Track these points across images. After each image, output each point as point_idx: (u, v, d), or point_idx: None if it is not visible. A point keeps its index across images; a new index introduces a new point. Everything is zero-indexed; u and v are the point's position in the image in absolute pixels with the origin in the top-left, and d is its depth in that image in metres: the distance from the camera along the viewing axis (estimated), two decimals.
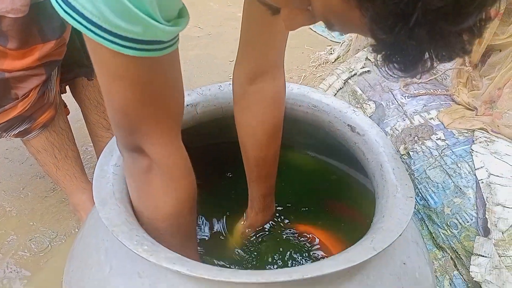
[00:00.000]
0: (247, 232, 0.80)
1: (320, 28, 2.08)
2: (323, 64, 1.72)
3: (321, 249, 0.79)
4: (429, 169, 0.86)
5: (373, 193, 0.64)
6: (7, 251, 1.00)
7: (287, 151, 0.94)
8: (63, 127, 0.91)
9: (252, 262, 0.77)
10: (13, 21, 0.70)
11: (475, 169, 0.80)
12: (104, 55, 0.41)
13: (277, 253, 0.77)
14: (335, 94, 1.22)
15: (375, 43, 0.33)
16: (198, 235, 0.80)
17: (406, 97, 1.06)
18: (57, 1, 0.37)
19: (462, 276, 0.76)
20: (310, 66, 1.74)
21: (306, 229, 0.82)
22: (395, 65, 0.33)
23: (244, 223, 0.80)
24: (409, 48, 0.30)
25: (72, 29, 0.82)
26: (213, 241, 0.80)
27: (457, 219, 0.78)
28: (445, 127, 0.93)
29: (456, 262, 0.77)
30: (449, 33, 0.30)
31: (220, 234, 0.82)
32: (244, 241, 0.79)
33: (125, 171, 0.56)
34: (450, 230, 0.78)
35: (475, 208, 0.77)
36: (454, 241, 0.77)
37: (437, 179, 0.84)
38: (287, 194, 0.88)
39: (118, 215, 0.53)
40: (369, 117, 0.87)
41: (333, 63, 1.70)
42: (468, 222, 0.77)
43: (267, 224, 0.81)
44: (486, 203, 0.75)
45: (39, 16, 0.73)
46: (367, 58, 1.24)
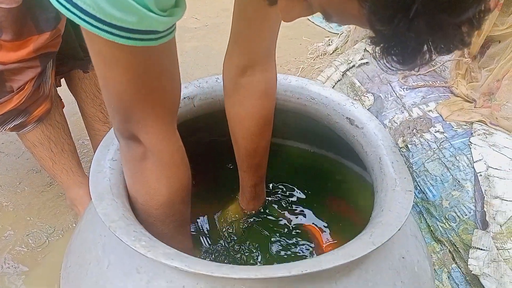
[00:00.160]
0: (237, 217, 0.83)
1: (318, 19, 2.06)
2: (321, 55, 1.71)
3: (308, 236, 0.80)
4: (428, 162, 0.86)
5: (371, 186, 0.64)
6: (5, 247, 1.00)
7: (284, 144, 0.94)
8: (59, 120, 0.90)
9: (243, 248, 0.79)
10: (7, 11, 0.69)
11: (474, 162, 0.80)
12: (99, 44, 0.41)
13: (264, 238, 0.80)
14: (334, 86, 1.21)
15: (373, 35, 0.32)
16: (201, 225, 0.82)
17: (404, 89, 1.05)
18: None
19: (460, 269, 0.76)
20: (308, 57, 1.73)
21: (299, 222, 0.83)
22: (394, 57, 0.33)
23: (235, 209, 0.83)
24: (408, 40, 0.30)
25: (67, 20, 0.81)
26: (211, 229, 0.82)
27: (456, 212, 0.78)
28: (443, 120, 0.92)
29: (454, 255, 0.77)
30: (448, 25, 0.29)
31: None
32: (236, 226, 0.82)
33: (121, 157, 0.57)
34: (448, 223, 0.78)
35: (474, 201, 0.77)
36: (452, 234, 0.77)
37: (436, 172, 0.84)
38: (284, 185, 0.88)
39: (115, 210, 0.53)
40: (368, 109, 0.87)
41: (331, 54, 1.68)
42: (466, 215, 0.77)
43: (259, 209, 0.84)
44: (484, 196, 0.75)
45: (34, 7, 0.72)
46: (365, 49, 1.23)
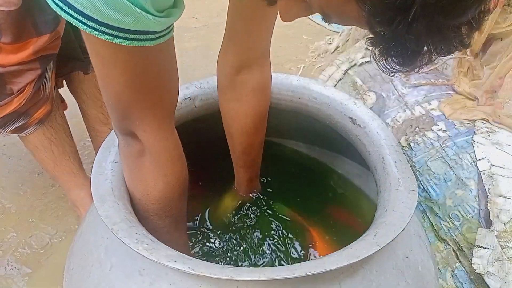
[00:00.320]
0: (237, 206, 0.84)
1: (318, 17, 2.05)
2: (322, 54, 1.70)
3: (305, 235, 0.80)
4: (431, 161, 0.86)
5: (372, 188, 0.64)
6: (8, 249, 1.00)
7: (286, 144, 0.94)
8: (60, 122, 0.90)
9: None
10: (6, 14, 0.69)
11: (477, 160, 0.80)
12: (97, 45, 0.42)
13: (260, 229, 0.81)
14: (335, 85, 1.20)
15: (372, 37, 0.32)
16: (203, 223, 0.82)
17: (406, 88, 1.05)
18: None
19: (464, 268, 0.76)
20: (309, 56, 1.72)
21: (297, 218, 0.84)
22: (393, 58, 0.33)
23: (232, 202, 0.84)
24: (408, 42, 0.30)
25: (66, 22, 0.81)
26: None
27: (459, 211, 0.77)
28: (446, 118, 0.92)
29: (458, 254, 0.77)
30: (447, 26, 0.29)
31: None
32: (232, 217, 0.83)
33: (119, 152, 0.57)
34: (452, 222, 0.78)
35: (477, 199, 0.76)
36: (456, 233, 0.77)
37: (439, 170, 0.83)
38: (283, 185, 0.88)
39: (117, 212, 0.52)
40: (370, 108, 0.86)
41: (332, 53, 1.68)
42: (470, 214, 0.76)
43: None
44: (488, 194, 0.75)
45: (32, 9, 0.72)
46: (367, 48, 1.23)
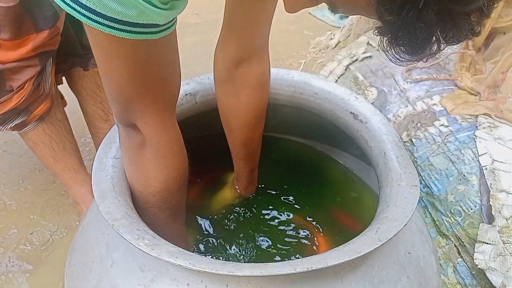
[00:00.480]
0: (236, 201, 0.85)
1: (319, 12, 2.04)
2: (324, 49, 1.69)
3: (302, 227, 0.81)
4: (432, 156, 0.85)
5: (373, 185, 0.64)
6: (9, 245, 1.00)
7: (287, 139, 0.94)
8: (60, 119, 0.90)
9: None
10: (5, 10, 0.69)
11: (479, 155, 0.79)
12: (99, 38, 0.41)
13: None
14: (336, 80, 1.20)
15: (381, 26, 0.32)
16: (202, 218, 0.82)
17: (408, 83, 1.04)
18: None
19: (466, 263, 0.75)
20: (310, 52, 1.71)
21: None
22: (402, 48, 0.32)
23: (232, 194, 0.85)
24: (417, 30, 0.30)
25: (66, 18, 0.81)
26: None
27: (461, 206, 0.77)
28: (448, 113, 0.91)
29: (460, 249, 0.77)
30: (458, 13, 0.29)
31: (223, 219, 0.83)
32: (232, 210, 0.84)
33: (120, 143, 0.57)
34: (453, 217, 0.78)
35: (479, 195, 0.76)
36: (457, 229, 0.77)
37: (440, 166, 0.83)
38: (284, 180, 0.88)
39: (118, 208, 0.52)
40: (371, 103, 0.86)
41: (333, 48, 1.67)
42: (472, 209, 0.76)
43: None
44: (490, 189, 0.74)
45: (31, 5, 0.72)
46: (368, 43, 1.22)
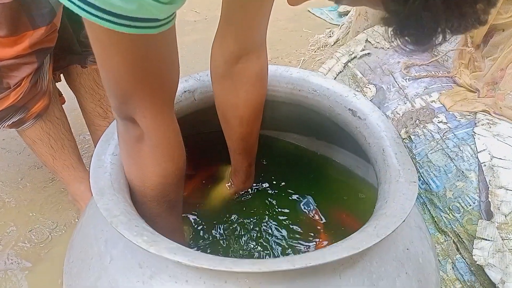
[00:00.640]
0: (234, 196, 0.85)
1: (318, 10, 2.04)
2: (322, 47, 1.69)
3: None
4: (431, 153, 0.85)
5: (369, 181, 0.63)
6: (7, 243, 1.00)
7: (285, 136, 0.94)
8: (58, 116, 0.89)
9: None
10: (1, 6, 0.69)
11: (478, 152, 0.79)
12: (98, 32, 0.41)
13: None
14: (335, 77, 1.20)
15: (386, 16, 0.32)
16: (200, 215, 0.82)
17: (407, 80, 1.04)
18: None
19: (464, 259, 0.76)
20: (309, 49, 1.71)
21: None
22: (408, 38, 0.32)
23: (230, 189, 0.85)
24: (424, 19, 0.30)
25: (63, 15, 0.80)
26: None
27: (460, 203, 0.77)
28: (446, 110, 0.91)
29: (458, 246, 0.77)
30: (464, 2, 0.29)
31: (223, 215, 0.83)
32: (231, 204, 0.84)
33: (118, 137, 0.57)
34: (452, 214, 0.78)
35: (478, 191, 0.76)
36: (456, 225, 0.77)
37: (439, 162, 0.83)
38: (282, 177, 0.88)
39: (116, 205, 0.52)
40: (370, 101, 0.86)
41: (332, 46, 1.67)
42: (470, 205, 0.76)
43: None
44: (488, 186, 0.74)
45: (28, 1, 0.71)
46: (367, 40, 1.22)
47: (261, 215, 0.82)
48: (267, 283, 0.46)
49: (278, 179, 0.89)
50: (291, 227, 0.80)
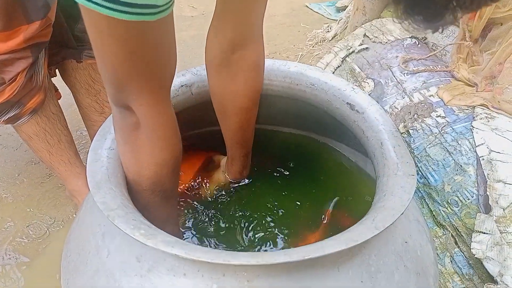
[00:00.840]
0: (229, 186, 0.85)
1: (316, 6, 2.04)
2: (320, 42, 1.69)
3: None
4: (429, 147, 0.85)
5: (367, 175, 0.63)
6: (5, 238, 1.00)
7: (283, 131, 0.93)
8: (54, 111, 0.89)
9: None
10: None
11: (476, 146, 0.79)
12: (96, 19, 0.41)
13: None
14: (333, 72, 1.19)
15: None
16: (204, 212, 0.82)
17: (405, 74, 1.04)
18: None
19: (463, 253, 0.76)
20: (307, 44, 1.71)
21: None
22: (418, 16, 0.31)
23: (226, 178, 0.85)
24: None
25: (58, 9, 0.79)
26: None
27: (458, 197, 0.77)
28: (445, 104, 0.91)
29: (457, 239, 0.77)
30: None
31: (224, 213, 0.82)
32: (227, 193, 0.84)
33: (113, 124, 0.57)
34: (450, 207, 0.78)
35: (476, 185, 0.76)
36: (454, 219, 0.77)
37: (437, 157, 0.83)
38: (279, 171, 0.88)
39: (113, 199, 0.52)
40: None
41: (330, 41, 1.67)
42: (469, 199, 0.76)
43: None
44: (487, 180, 0.74)
45: None
46: (365, 34, 1.22)
47: (257, 206, 0.82)
48: (265, 276, 0.45)
49: (274, 171, 0.88)
50: (289, 220, 0.80)
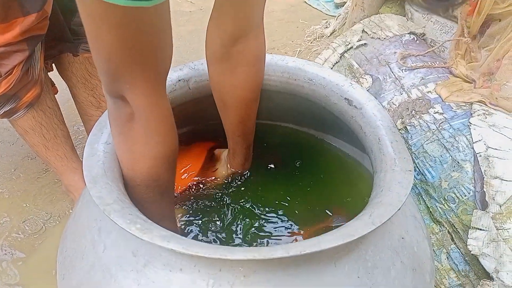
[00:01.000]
0: (230, 177, 0.84)
1: (315, 1, 2.03)
2: (319, 38, 1.68)
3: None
4: (427, 143, 0.85)
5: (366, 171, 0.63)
6: (1, 234, 0.99)
7: (281, 126, 0.93)
8: (50, 106, 0.88)
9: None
10: None
11: (473, 143, 0.79)
12: (92, 7, 0.40)
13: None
14: (331, 68, 1.19)
15: None
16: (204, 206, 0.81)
17: (403, 70, 1.04)
18: None
19: (459, 249, 0.76)
20: (305, 40, 1.70)
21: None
22: None
23: (228, 170, 0.84)
24: None
25: (54, 2, 0.79)
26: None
27: (455, 193, 0.77)
28: (442, 101, 0.91)
29: (453, 236, 0.77)
30: None
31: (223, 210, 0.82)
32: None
33: (108, 115, 0.56)
34: (447, 204, 0.78)
35: (473, 181, 0.76)
36: (451, 215, 0.77)
37: (435, 153, 0.83)
38: (278, 166, 0.88)
39: (109, 193, 0.51)
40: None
41: (328, 37, 1.66)
42: (465, 196, 0.76)
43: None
44: (484, 176, 0.75)
45: None
46: (363, 30, 1.21)
47: (258, 199, 0.81)
48: (262, 271, 0.45)
49: (274, 165, 0.88)
50: (287, 214, 0.80)
